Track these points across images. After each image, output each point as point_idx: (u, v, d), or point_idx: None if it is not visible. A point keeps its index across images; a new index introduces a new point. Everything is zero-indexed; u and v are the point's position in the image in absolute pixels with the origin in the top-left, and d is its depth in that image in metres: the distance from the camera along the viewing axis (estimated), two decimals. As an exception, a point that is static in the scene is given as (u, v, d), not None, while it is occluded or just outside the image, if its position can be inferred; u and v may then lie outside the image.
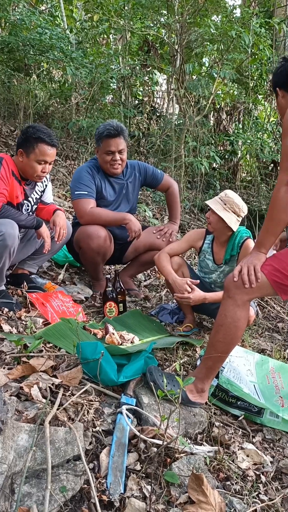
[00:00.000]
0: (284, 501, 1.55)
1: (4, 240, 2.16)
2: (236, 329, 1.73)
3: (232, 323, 1.72)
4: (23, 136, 2.37)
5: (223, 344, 1.76)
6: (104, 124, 2.79)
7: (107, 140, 2.73)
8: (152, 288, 3.39)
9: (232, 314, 1.72)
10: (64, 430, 1.40)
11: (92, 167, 2.85)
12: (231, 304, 1.73)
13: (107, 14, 6.09)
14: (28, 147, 2.35)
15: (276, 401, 1.98)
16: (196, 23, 5.84)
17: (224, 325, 1.74)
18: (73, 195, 2.76)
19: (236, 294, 1.71)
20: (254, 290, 1.71)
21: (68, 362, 1.83)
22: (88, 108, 6.02)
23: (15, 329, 2.08)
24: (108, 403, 1.68)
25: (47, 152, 2.36)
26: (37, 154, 2.34)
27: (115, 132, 2.72)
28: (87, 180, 2.77)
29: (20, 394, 1.56)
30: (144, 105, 6.74)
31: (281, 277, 1.68)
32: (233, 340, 1.76)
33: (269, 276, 1.69)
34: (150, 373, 1.78)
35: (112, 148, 2.74)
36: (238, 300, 1.71)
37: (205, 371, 1.82)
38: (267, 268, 1.70)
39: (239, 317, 1.72)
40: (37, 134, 2.33)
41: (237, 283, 1.71)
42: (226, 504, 1.40)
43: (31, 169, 2.38)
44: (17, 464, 1.25)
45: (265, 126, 7.03)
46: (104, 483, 1.35)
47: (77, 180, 2.78)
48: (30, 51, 5.80)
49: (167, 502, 1.36)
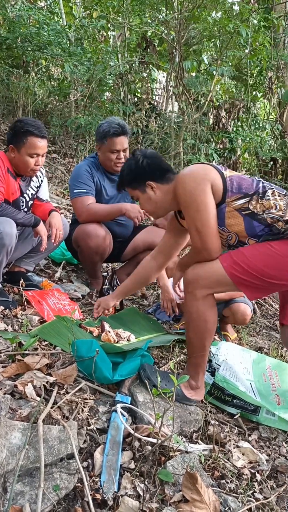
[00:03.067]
0: (279, 499, 1.55)
1: (1, 239, 2.15)
2: (205, 323, 1.72)
3: (198, 318, 1.71)
4: (11, 131, 2.35)
5: (197, 339, 1.75)
6: (108, 122, 2.77)
7: (113, 138, 2.71)
8: (149, 286, 3.38)
9: (195, 309, 1.71)
10: (58, 429, 1.39)
11: (91, 165, 2.84)
12: (191, 299, 1.72)
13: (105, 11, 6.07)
14: (18, 142, 2.32)
15: (272, 399, 1.98)
16: (194, 18, 5.81)
17: (192, 321, 1.74)
18: (72, 194, 2.75)
19: (195, 288, 1.70)
20: (214, 286, 1.70)
21: (63, 360, 1.83)
22: (86, 105, 6.00)
23: (11, 327, 2.08)
24: (103, 401, 1.68)
25: (38, 145, 2.33)
26: (27, 147, 2.32)
27: (121, 130, 2.72)
28: (85, 178, 2.76)
29: (14, 392, 1.55)
30: (143, 102, 6.71)
31: (240, 271, 1.65)
32: (205, 334, 1.74)
33: (228, 269, 1.66)
34: (143, 370, 1.78)
35: (118, 146, 2.73)
36: (197, 295, 1.69)
37: (193, 369, 1.81)
38: (227, 261, 1.67)
39: (203, 310, 1.70)
40: (26, 128, 2.30)
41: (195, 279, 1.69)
42: (221, 502, 1.40)
43: (24, 164, 2.36)
44: (10, 462, 1.25)
45: (264, 124, 7.01)
46: (98, 481, 1.34)
47: (76, 179, 2.77)
48: (28, 48, 5.78)
49: (161, 500, 1.36)
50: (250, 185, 1.73)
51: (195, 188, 1.67)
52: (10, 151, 2.37)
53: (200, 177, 1.69)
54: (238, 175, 1.77)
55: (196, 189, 1.67)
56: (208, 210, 1.66)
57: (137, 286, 2.27)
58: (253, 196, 1.70)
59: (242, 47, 6.25)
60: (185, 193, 1.70)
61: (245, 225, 1.70)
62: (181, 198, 1.73)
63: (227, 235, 1.75)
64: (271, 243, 1.67)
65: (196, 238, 1.70)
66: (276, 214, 1.67)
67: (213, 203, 1.68)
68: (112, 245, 2.80)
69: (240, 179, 1.75)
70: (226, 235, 1.75)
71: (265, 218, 1.67)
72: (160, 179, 1.86)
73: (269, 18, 5.89)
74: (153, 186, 1.86)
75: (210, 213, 1.66)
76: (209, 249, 1.68)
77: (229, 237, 1.75)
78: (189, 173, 1.73)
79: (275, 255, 1.64)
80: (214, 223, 1.68)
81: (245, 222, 1.70)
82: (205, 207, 1.66)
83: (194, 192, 1.67)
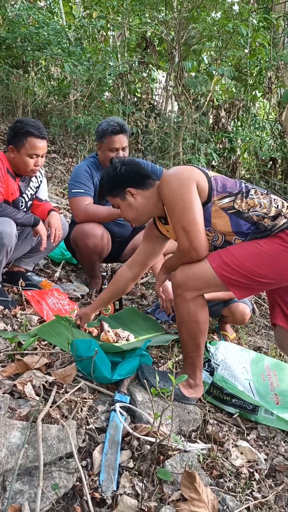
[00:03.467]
0: (278, 498, 1.55)
1: (1, 239, 2.16)
2: (196, 323, 1.71)
3: (190, 319, 1.71)
4: (11, 132, 2.35)
5: (191, 340, 1.75)
6: (107, 121, 2.78)
7: (112, 136, 2.72)
8: (149, 286, 3.38)
9: (186, 311, 1.71)
10: (57, 428, 1.40)
11: (91, 165, 2.84)
12: (181, 302, 1.71)
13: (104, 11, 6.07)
14: (18, 143, 2.32)
15: (271, 399, 1.98)
16: (193, 18, 5.82)
17: (183, 323, 1.74)
18: (70, 194, 2.75)
19: (184, 291, 1.69)
20: (203, 287, 1.69)
21: (63, 360, 1.83)
22: (86, 105, 6.01)
23: (10, 326, 2.08)
24: (102, 400, 1.68)
25: (38, 145, 2.33)
26: (27, 148, 2.32)
27: (119, 129, 2.71)
28: (84, 179, 2.76)
29: (13, 391, 1.56)
30: (143, 102, 6.71)
31: (229, 271, 1.64)
32: (198, 334, 1.74)
33: (218, 269, 1.65)
34: (141, 372, 1.78)
35: (117, 145, 2.73)
36: (187, 296, 1.69)
37: (190, 367, 1.82)
38: (216, 261, 1.66)
39: (194, 311, 1.70)
40: (25, 128, 2.30)
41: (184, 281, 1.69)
42: (219, 501, 1.40)
43: (23, 164, 2.36)
44: (9, 461, 1.25)
45: (264, 124, 7.01)
46: (97, 480, 1.35)
47: (74, 179, 2.77)
48: (27, 48, 5.78)
49: (159, 499, 1.36)
50: (233, 185, 1.74)
51: (180, 187, 1.67)
52: (9, 151, 2.37)
53: (185, 177, 1.69)
54: (221, 176, 1.79)
55: (181, 188, 1.66)
56: (194, 208, 1.65)
57: (113, 298, 2.23)
58: (237, 195, 1.70)
59: (242, 47, 6.26)
60: (170, 193, 1.69)
61: (231, 224, 1.70)
62: (167, 198, 1.71)
63: (213, 236, 1.74)
64: (259, 242, 1.66)
65: (183, 238, 1.67)
66: (261, 212, 1.67)
67: (199, 201, 1.67)
68: (110, 244, 2.80)
69: (224, 179, 1.76)
70: (212, 235, 1.74)
71: (251, 216, 1.68)
72: (140, 186, 1.85)
73: (269, 18, 5.89)
74: (133, 193, 1.85)
75: (196, 211, 1.65)
76: (197, 247, 1.65)
77: (215, 238, 1.74)
78: (174, 173, 1.72)
79: (264, 254, 1.64)
80: (201, 221, 1.66)
81: (231, 220, 1.70)
82: (191, 205, 1.65)
83: (179, 192, 1.66)
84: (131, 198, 1.86)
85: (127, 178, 1.85)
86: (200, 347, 1.77)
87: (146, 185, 1.86)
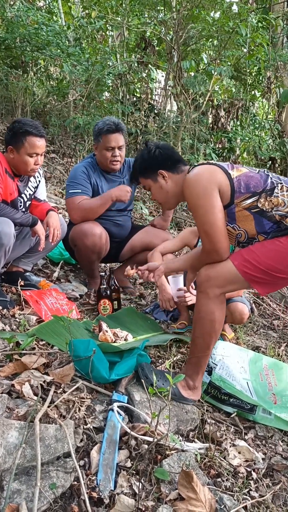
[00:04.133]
0: (275, 497, 1.56)
1: (0, 239, 2.16)
2: (211, 322, 1.73)
3: (206, 317, 1.73)
4: (10, 132, 2.35)
5: (202, 339, 1.77)
6: (103, 120, 2.78)
7: (108, 135, 2.72)
8: (147, 286, 3.39)
9: (205, 308, 1.73)
10: (55, 427, 1.40)
11: (88, 165, 2.84)
12: (203, 298, 1.73)
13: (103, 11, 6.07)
14: (17, 143, 2.33)
15: (269, 398, 1.98)
16: (193, 17, 5.81)
17: (199, 320, 1.75)
18: (67, 194, 2.76)
19: (207, 288, 1.72)
20: (226, 284, 1.72)
21: (61, 360, 1.84)
22: (85, 105, 6.00)
23: (8, 326, 2.08)
24: (99, 400, 1.68)
25: (37, 144, 2.35)
26: (27, 148, 2.33)
27: (115, 127, 2.71)
28: (81, 179, 2.76)
29: (11, 391, 1.56)
30: (142, 102, 6.71)
31: (251, 268, 1.68)
32: (211, 334, 1.75)
33: (239, 267, 1.69)
34: (141, 369, 1.79)
35: (113, 143, 2.73)
36: (210, 294, 1.71)
37: (192, 368, 1.82)
38: (238, 259, 1.70)
39: (212, 310, 1.72)
40: (24, 128, 2.31)
41: (208, 278, 1.72)
42: (217, 500, 1.41)
43: (24, 164, 2.37)
44: (7, 461, 1.26)
45: (263, 123, 7.02)
46: (94, 480, 1.36)
47: (72, 180, 2.78)
48: (27, 48, 5.78)
49: (157, 498, 1.37)
50: (258, 183, 1.74)
51: (201, 191, 1.70)
52: (9, 152, 2.37)
53: (206, 181, 1.71)
54: (245, 174, 1.77)
55: (203, 192, 1.69)
56: (215, 213, 1.68)
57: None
58: (261, 194, 1.72)
59: (241, 47, 6.26)
60: (192, 197, 1.73)
61: (255, 223, 1.73)
62: (189, 201, 1.77)
63: (237, 233, 1.79)
64: (280, 239, 1.70)
65: (205, 240, 1.73)
66: (284, 211, 1.69)
67: (220, 205, 1.70)
68: (108, 243, 2.80)
69: (248, 178, 1.75)
70: (236, 232, 1.79)
71: (274, 215, 1.70)
72: (172, 169, 1.91)
73: (267, 18, 5.90)
74: (165, 175, 1.90)
75: (217, 215, 1.69)
76: (218, 250, 1.70)
77: (239, 235, 1.79)
78: (196, 177, 1.74)
79: (284, 250, 1.67)
80: (222, 224, 1.70)
81: (255, 220, 1.73)
82: (212, 209, 1.68)
83: (200, 196, 1.70)
84: (162, 180, 1.92)
85: (160, 161, 1.91)
86: (209, 347, 1.79)
87: (177, 169, 1.91)
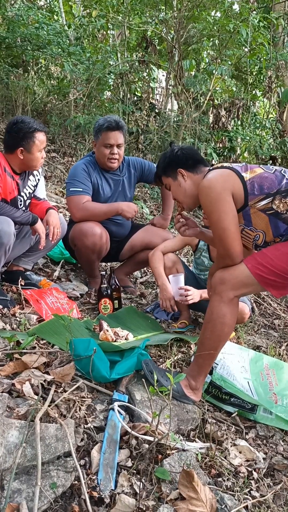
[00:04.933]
0: (276, 497, 1.55)
1: (0, 238, 2.16)
2: (222, 325, 1.73)
3: (218, 319, 1.72)
4: (18, 134, 2.36)
5: (211, 341, 1.76)
6: (104, 118, 2.78)
7: (107, 132, 2.71)
8: (148, 285, 3.39)
9: (217, 310, 1.72)
10: (55, 427, 1.40)
11: (88, 163, 2.83)
12: (216, 300, 1.73)
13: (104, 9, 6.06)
14: (28, 143, 2.38)
15: (269, 398, 1.98)
16: (194, 17, 5.81)
17: (210, 321, 1.75)
18: (68, 192, 2.75)
19: (222, 290, 1.72)
20: (240, 287, 1.72)
21: (61, 359, 1.83)
22: (85, 104, 6.00)
23: (9, 325, 2.08)
24: (100, 399, 1.68)
25: (43, 139, 2.45)
26: (38, 145, 2.41)
27: (115, 125, 2.71)
28: (82, 177, 2.75)
29: (12, 390, 1.56)
30: (143, 101, 6.71)
31: (265, 271, 1.68)
32: (220, 337, 1.75)
33: (253, 269, 1.69)
34: (146, 365, 1.78)
35: (111, 141, 2.72)
36: (224, 297, 1.71)
37: (196, 369, 1.82)
38: (251, 262, 1.71)
39: (224, 313, 1.72)
40: (31, 126, 2.37)
41: (222, 280, 1.72)
42: (217, 500, 1.40)
43: (36, 161, 2.45)
44: (7, 460, 1.25)
45: (264, 123, 7.01)
46: (95, 479, 1.35)
47: (72, 177, 2.77)
48: (27, 47, 5.78)
49: (157, 498, 1.36)
50: (272, 183, 1.73)
51: (215, 198, 1.71)
52: (18, 153, 2.38)
53: (219, 186, 1.72)
54: (259, 175, 1.76)
55: (216, 198, 1.71)
56: (228, 218, 1.70)
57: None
58: (275, 195, 1.71)
59: (242, 46, 6.24)
60: (206, 203, 1.75)
61: (271, 225, 1.74)
62: (203, 206, 1.80)
63: (254, 235, 1.79)
64: None
65: (219, 244, 1.76)
66: None
67: (233, 210, 1.71)
68: (109, 243, 2.79)
69: (262, 179, 1.75)
70: (254, 234, 1.79)
71: None
72: (191, 169, 1.94)
73: (268, 17, 5.88)
74: (184, 174, 1.94)
75: (230, 221, 1.70)
76: (231, 254, 1.72)
77: (257, 237, 1.79)
78: (208, 183, 1.75)
79: None
80: (235, 229, 1.71)
81: (270, 221, 1.73)
82: (225, 215, 1.70)
83: (214, 202, 1.71)
84: (181, 179, 1.95)
85: (180, 160, 1.96)
86: (216, 349, 1.78)
87: (197, 169, 1.95)
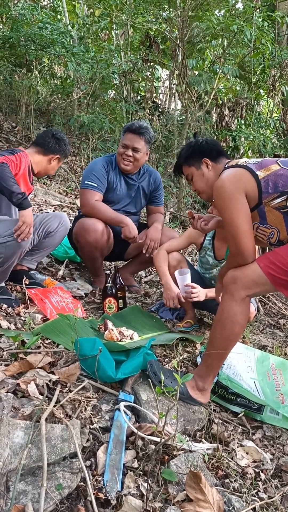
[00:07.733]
0: (284, 499, 1.53)
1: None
2: (232, 324, 1.71)
3: (228, 318, 1.71)
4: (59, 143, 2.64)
5: (221, 340, 1.74)
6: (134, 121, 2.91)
7: (127, 133, 2.81)
8: (152, 284, 3.37)
9: (228, 309, 1.71)
10: (61, 427, 1.38)
11: (108, 162, 2.89)
12: (228, 299, 1.72)
13: (108, 8, 6.04)
14: (63, 152, 2.66)
15: (276, 398, 1.96)
16: (198, 17, 5.79)
17: (220, 320, 1.73)
18: (82, 184, 2.79)
19: (234, 290, 1.70)
20: (252, 286, 1.70)
21: (66, 359, 1.82)
22: (89, 104, 5.99)
23: (14, 325, 2.07)
24: (106, 399, 1.67)
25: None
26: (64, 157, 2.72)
27: (135, 128, 2.79)
28: (100, 173, 2.80)
29: (16, 390, 1.54)
30: (146, 100, 6.69)
31: (277, 271, 1.66)
32: (230, 336, 1.73)
33: (265, 269, 1.68)
34: (150, 365, 1.77)
35: (128, 141, 2.79)
36: (236, 296, 1.70)
37: (205, 369, 1.80)
38: (264, 261, 1.69)
39: (235, 312, 1.70)
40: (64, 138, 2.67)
41: (234, 279, 1.70)
42: (225, 502, 1.39)
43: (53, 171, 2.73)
44: (12, 461, 1.24)
45: (268, 122, 6.98)
46: (101, 480, 1.34)
47: (91, 171, 2.81)
48: (31, 47, 5.77)
49: (164, 500, 1.35)
50: (286, 181, 1.72)
51: (228, 197, 1.71)
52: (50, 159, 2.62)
53: (232, 186, 1.72)
54: (274, 173, 1.74)
55: (228, 197, 1.71)
56: (240, 217, 1.70)
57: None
58: None
59: (245, 45, 6.22)
60: (219, 201, 1.75)
61: (285, 222, 1.72)
62: (217, 205, 1.79)
63: (269, 232, 1.78)
64: None
65: (231, 242, 1.75)
66: None
67: (246, 209, 1.71)
68: (112, 241, 2.79)
69: (276, 177, 1.73)
70: (269, 231, 1.78)
71: None
72: (215, 159, 1.98)
73: (272, 15, 5.85)
74: (208, 164, 1.97)
75: (242, 219, 1.70)
76: (243, 252, 1.71)
77: (271, 234, 1.78)
78: (221, 182, 1.75)
79: None
80: (248, 228, 1.71)
81: (285, 219, 1.72)
82: (237, 214, 1.70)
83: (226, 201, 1.71)
84: (205, 168, 1.99)
85: (205, 149, 2.00)
86: (226, 349, 1.76)
87: (220, 160, 1.98)
